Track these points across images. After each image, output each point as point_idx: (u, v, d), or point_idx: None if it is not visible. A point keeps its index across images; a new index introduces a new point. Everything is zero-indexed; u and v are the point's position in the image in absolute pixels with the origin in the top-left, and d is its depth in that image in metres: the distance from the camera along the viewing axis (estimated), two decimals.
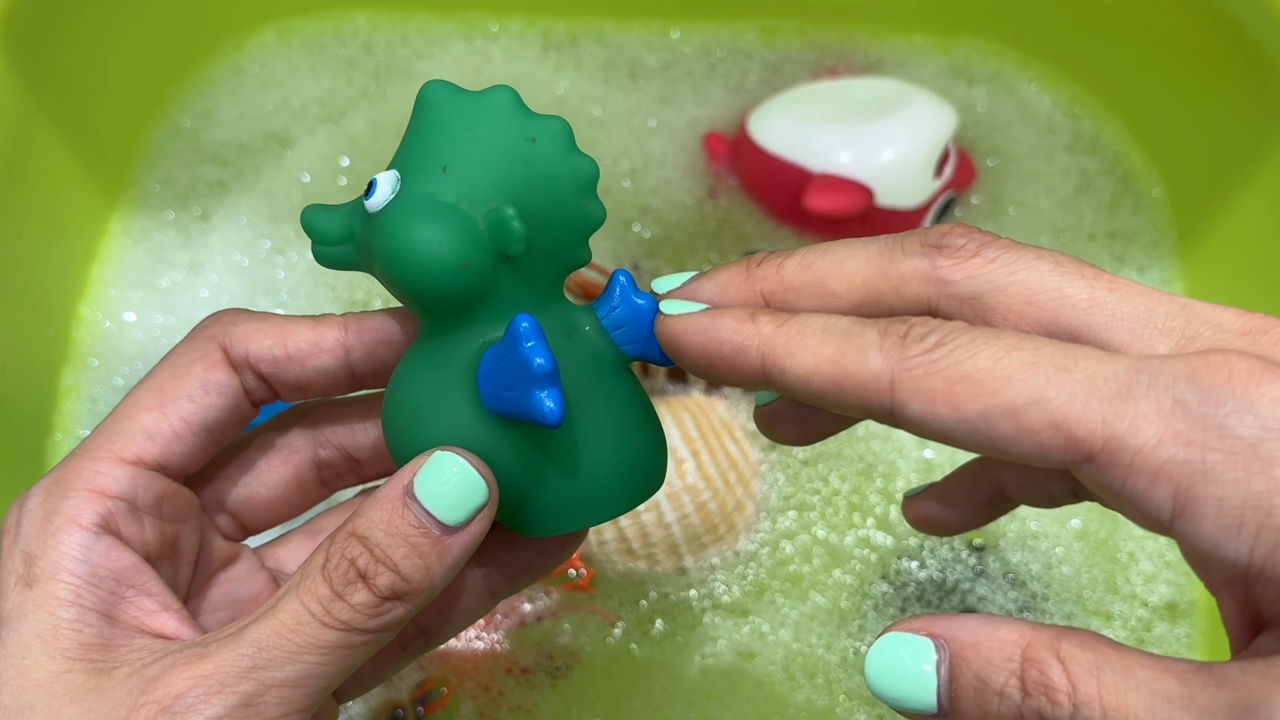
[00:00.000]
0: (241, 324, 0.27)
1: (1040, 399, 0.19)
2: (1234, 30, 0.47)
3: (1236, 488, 0.18)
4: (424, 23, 0.56)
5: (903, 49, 0.56)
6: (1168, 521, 0.19)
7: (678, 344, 0.24)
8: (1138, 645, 0.45)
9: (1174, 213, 0.53)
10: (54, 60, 0.47)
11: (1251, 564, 0.18)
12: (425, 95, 0.25)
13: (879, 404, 0.21)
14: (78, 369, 0.49)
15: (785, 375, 0.22)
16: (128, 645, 0.24)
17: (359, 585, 0.23)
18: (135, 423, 0.26)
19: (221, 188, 0.53)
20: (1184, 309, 0.21)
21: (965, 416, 0.20)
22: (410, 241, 0.24)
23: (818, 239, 0.51)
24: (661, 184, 0.53)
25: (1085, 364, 0.19)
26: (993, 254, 0.22)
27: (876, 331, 0.21)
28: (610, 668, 0.44)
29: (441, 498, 0.24)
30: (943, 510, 0.29)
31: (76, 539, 0.25)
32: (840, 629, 0.44)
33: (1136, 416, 0.19)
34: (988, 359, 0.20)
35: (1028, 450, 0.19)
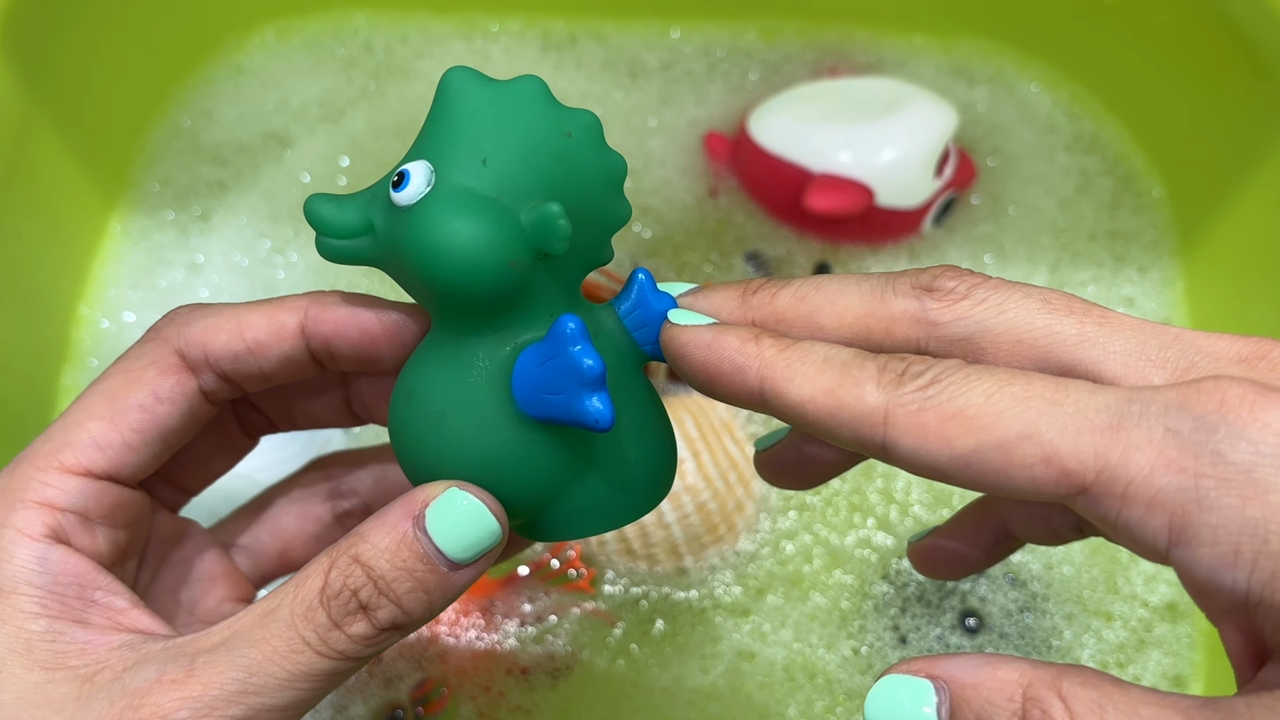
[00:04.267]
0: (196, 322, 0.26)
1: (1032, 433, 0.19)
2: (1234, 30, 0.47)
3: (1231, 514, 0.18)
4: (424, 23, 0.56)
5: (903, 49, 0.56)
6: (1164, 550, 0.19)
7: (680, 354, 0.24)
8: (1138, 646, 0.44)
9: (1174, 213, 0.53)
10: (54, 60, 0.47)
11: (1250, 592, 0.18)
12: (452, 82, 0.24)
13: (872, 438, 0.21)
14: (77, 369, 0.49)
15: (782, 400, 0.22)
16: (105, 644, 0.24)
17: (359, 616, 0.23)
18: (84, 431, 0.25)
19: (221, 187, 0.53)
20: (1177, 339, 0.21)
21: (957, 453, 0.20)
22: (454, 237, 0.22)
23: (818, 239, 0.52)
24: (661, 184, 0.53)
25: (1076, 397, 0.19)
26: (982, 295, 0.22)
27: (875, 366, 0.21)
28: (610, 668, 0.44)
29: (452, 535, 0.23)
30: (949, 554, 0.29)
31: (31, 551, 0.24)
32: (841, 629, 0.44)
33: (1129, 446, 0.19)
34: (980, 395, 0.20)
35: (1021, 485, 0.19)
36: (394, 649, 0.43)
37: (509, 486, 0.24)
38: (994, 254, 0.52)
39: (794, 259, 0.51)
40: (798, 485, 0.28)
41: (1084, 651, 0.44)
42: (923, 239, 0.52)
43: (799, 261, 0.51)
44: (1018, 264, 0.51)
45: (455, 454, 0.24)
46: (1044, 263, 0.52)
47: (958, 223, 0.52)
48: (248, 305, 0.27)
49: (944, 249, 0.52)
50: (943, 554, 0.29)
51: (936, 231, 0.52)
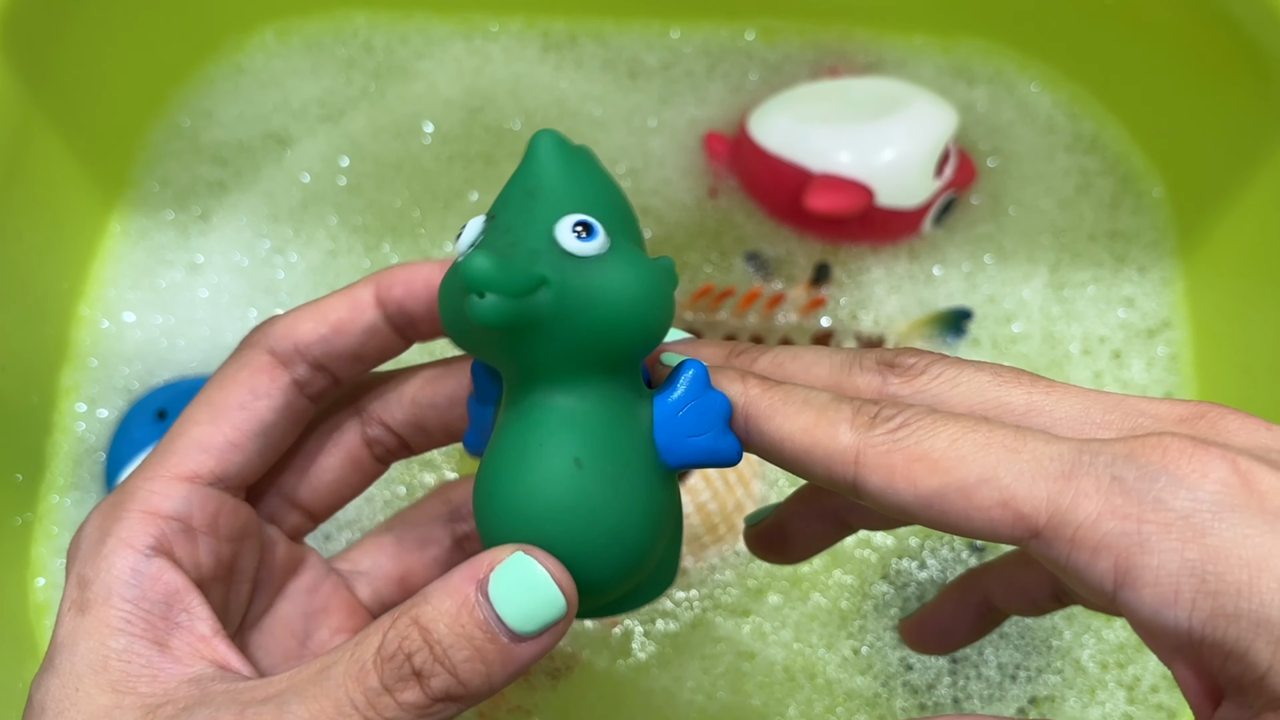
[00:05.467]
0: (281, 320, 0.27)
1: (990, 478, 0.20)
2: (1234, 30, 0.47)
3: (1171, 556, 0.19)
4: (424, 23, 0.56)
5: (903, 49, 0.56)
6: (1111, 592, 0.20)
7: None
8: (1138, 646, 0.45)
9: (1174, 213, 0.53)
10: (54, 60, 0.47)
11: (1193, 630, 0.19)
12: (563, 142, 0.24)
13: (843, 475, 0.22)
14: (77, 369, 0.49)
15: (763, 436, 0.23)
16: (176, 674, 0.24)
17: (412, 683, 0.22)
18: (188, 438, 0.26)
19: (221, 187, 0.53)
20: (1120, 404, 0.22)
21: (921, 493, 0.21)
22: (657, 290, 0.23)
23: (818, 239, 0.52)
24: (661, 184, 0.53)
25: (1033, 445, 0.21)
26: (937, 370, 0.24)
27: (850, 409, 0.22)
28: (610, 668, 0.44)
29: (516, 604, 0.22)
30: (938, 630, 0.31)
31: (128, 561, 0.24)
32: (841, 629, 0.44)
33: (1078, 494, 0.20)
34: (945, 439, 0.21)
35: (979, 525, 0.21)
36: None
37: (649, 545, 0.24)
38: (994, 254, 0.52)
39: (794, 259, 0.51)
40: (784, 560, 0.30)
41: (1084, 652, 0.44)
42: (923, 239, 0.52)
43: (799, 261, 0.51)
44: (1018, 264, 0.51)
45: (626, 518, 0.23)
46: (1044, 263, 0.52)
47: (958, 223, 0.52)
48: (326, 296, 0.28)
49: (944, 249, 0.52)
50: (932, 628, 0.31)
51: (936, 231, 0.52)
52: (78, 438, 0.48)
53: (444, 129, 0.54)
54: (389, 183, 0.53)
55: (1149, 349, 0.50)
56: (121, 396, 0.48)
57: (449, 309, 0.24)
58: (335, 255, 0.52)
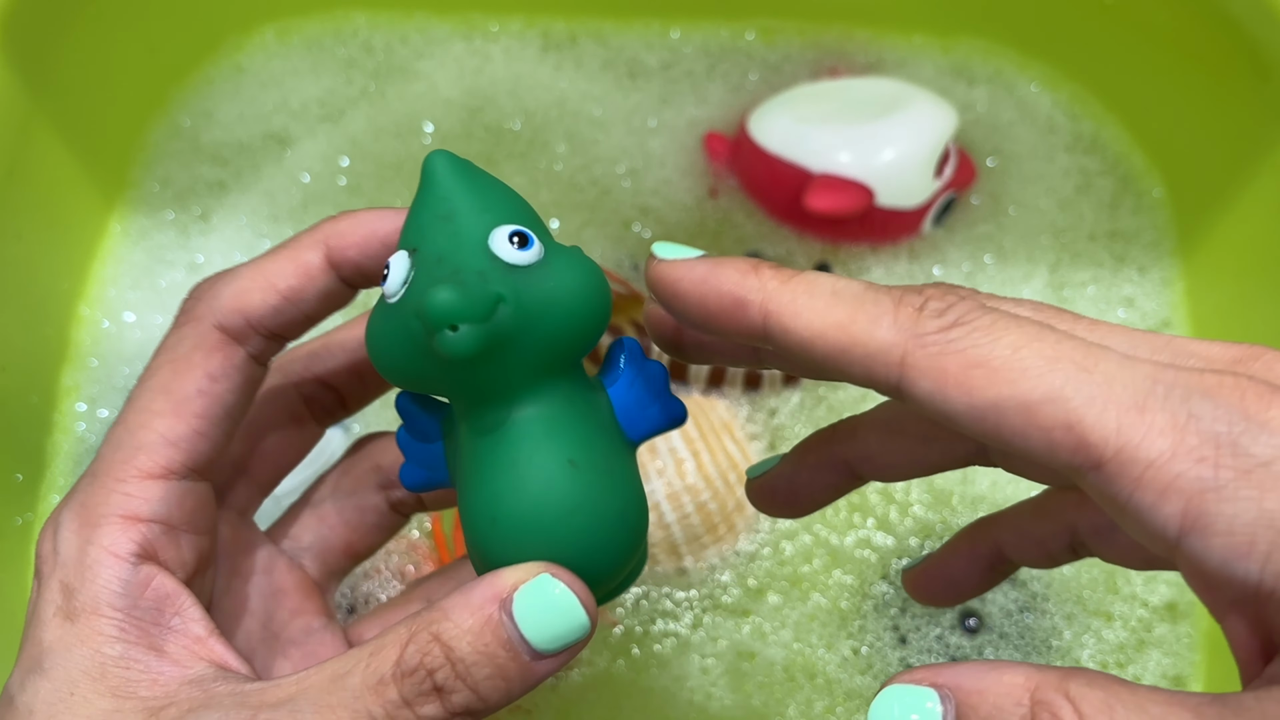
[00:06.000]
0: (222, 292, 0.26)
1: (1057, 397, 0.19)
2: (1234, 30, 0.47)
3: (1249, 506, 0.18)
4: (424, 23, 0.56)
5: (903, 49, 0.56)
6: (1174, 538, 0.18)
7: (673, 290, 0.22)
8: (1138, 646, 0.45)
9: (1174, 213, 0.53)
10: (54, 60, 0.47)
11: (1263, 584, 0.18)
12: (453, 160, 0.25)
13: (885, 377, 0.20)
14: (78, 369, 0.49)
15: (788, 335, 0.21)
16: (177, 676, 0.24)
17: (432, 698, 0.22)
18: (152, 432, 0.25)
19: (221, 188, 0.53)
20: (1169, 344, 0.21)
21: (976, 403, 0.19)
22: (599, 283, 0.23)
23: (818, 239, 0.52)
24: (661, 184, 0.53)
25: (1106, 366, 0.19)
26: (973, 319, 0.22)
27: (890, 300, 0.20)
28: (610, 668, 0.44)
29: (540, 624, 0.22)
30: (944, 579, 0.29)
31: (116, 572, 0.24)
32: (841, 629, 0.44)
33: (1151, 428, 0.18)
34: (1007, 346, 0.19)
35: (1036, 447, 0.19)
36: None
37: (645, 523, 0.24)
38: (994, 254, 0.52)
39: (794, 259, 0.51)
40: (790, 514, 0.28)
41: (1084, 651, 0.44)
42: (923, 239, 0.52)
43: (799, 261, 0.51)
44: (1018, 264, 0.51)
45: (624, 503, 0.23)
46: (1044, 263, 0.52)
47: (958, 223, 0.52)
48: (267, 257, 0.26)
49: (944, 249, 0.52)
50: (938, 579, 0.29)
51: (936, 232, 0.52)
52: (78, 438, 0.48)
53: (444, 129, 0.54)
54: (389, 183, 0.53)
55: None
56: (122, 396, 0.48)
57: (393, 353, 0.23)
58: None
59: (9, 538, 0.45)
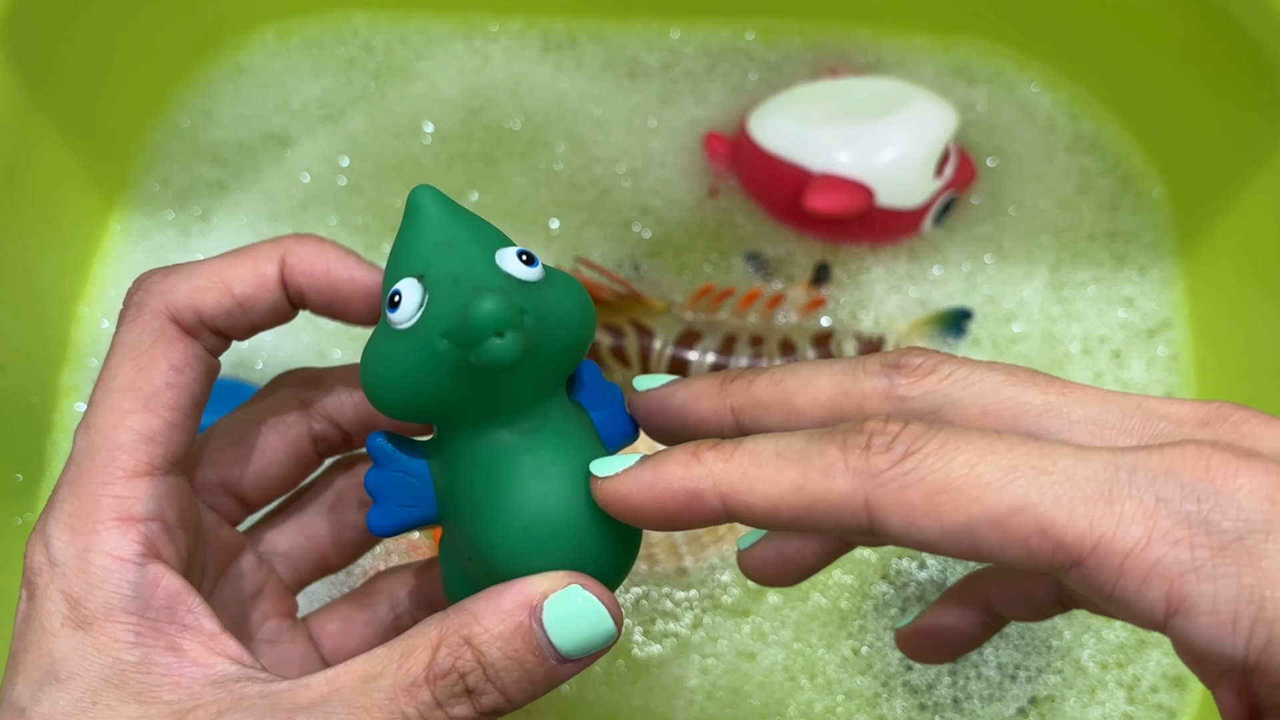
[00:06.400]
0: (177, 286, 0.26)
1: (1024, 505, 0.19)
2: (1234, 30, 0.47)
3: (1228, 583, 0.18)
4: (424, 23, 0.56)
5: (903, 49, 0.56)
6: (1161, 621, 0.19)
7: (625, 505, 0.22)
8: (1138, 646, 0.45)
9: (1174, 213, 0.53)
10: (54, 60, 0.47)
11: (1248, 658, 0.18)
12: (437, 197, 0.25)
13: (856, 523, 0.20)
14: (78, 369, 0.49)
15: (750, 510, 0.21)
16: (199, 676, 0.24)
17: (463, 700, 0.22)
18: (128, 430, 0.25)
19: (221, 188, 0.53)
20: (1139, 407, 0.21)
21: (948, 529, 0.19)
22: (589, 300, 0.25)
23: (818, 239, 0.52)
24: (661, 184, 0.53)
25: (1064, 463, 0.19)
26: (948, 370, 0.22)
27: (836, 447, 0.21)
28: (610, 668, 0.44)
29: (569, 633, 0.23)
30: (937, 638, 0.29)
31: (124, 576, 0.24)
32: (841, 629, 0.44)
33: (1122, 518, 0.19)
34: (963, 465, 0.19)
35: (1015, 557, 0.19)
36: None
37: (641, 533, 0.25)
38: (994, 254, 0.52)
39: (794, 259, 0.51)
40: (780, 582, 0.28)
41: (1084, 652, 0.44)
42: (923, 239, 0.52)
43: (799, 261, 0.51)
44: (1018, 264, 0.51)
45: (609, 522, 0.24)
46: (1044, 263, 0.52)
47: (958, 223, 0.52)
48: (225, 259, 0.26)
49: (944, 249, 0.52)
50: (930, 639, 0.29)
51: (936, 232, 0.52)
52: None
53: (444, 129, 0.54)
54: (389, 183, 0.53)
55: (1149, 349, 0.50)
56: None
57: (404, 379, 0.23)
58: None
59: (9, 537, 0.45)
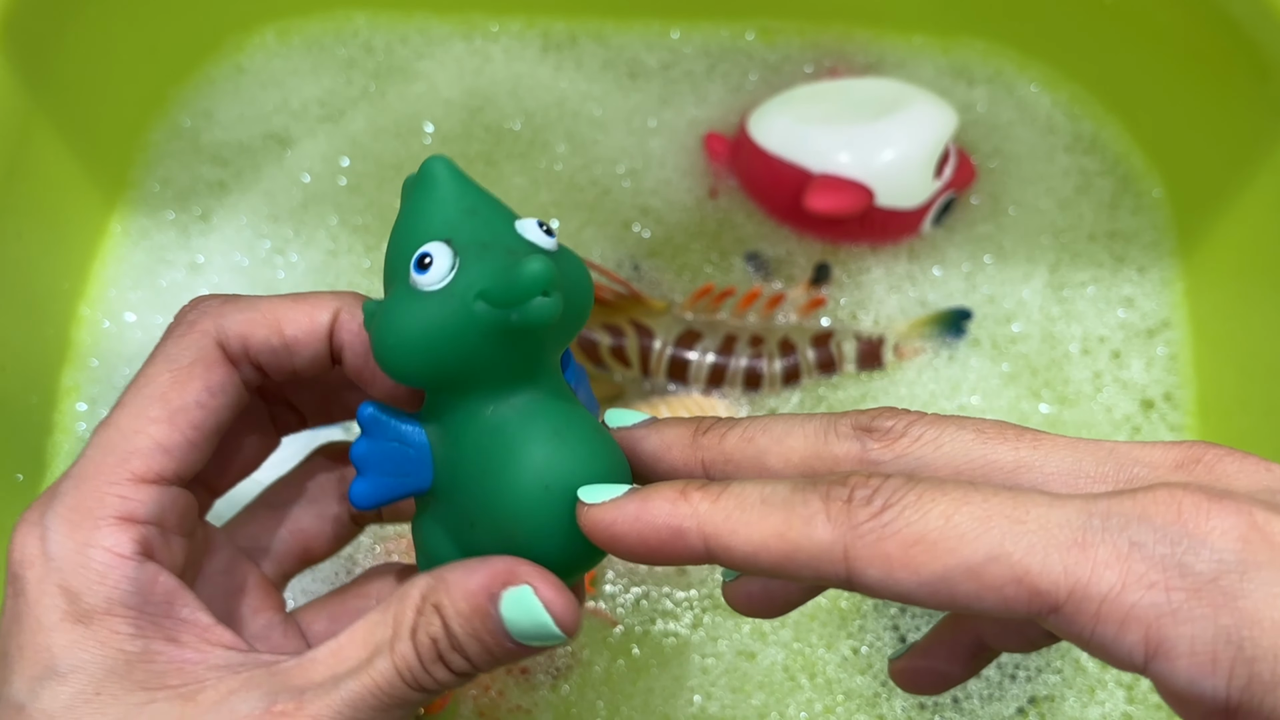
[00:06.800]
0: (231, 314, 0.26)
1: (999, 554, 0.19)
2: (1234, 30, 0.47)
3: (1205, 625, 0.18)
4: (424, 23, 0.56)
5: (903, 49, 0.56)
6: (1142, 664, 0.19)
7: (609, 535, 0.23)
8: None
9: (1174, 213, 0.53)
10: (54, 60, 0.47)
11: (1229, 698, 0.18)
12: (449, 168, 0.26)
13: (834, 573, 0.21)
14: (78, 369, 0.49)
15: (731, 553, 0.21)
16: (201, 662, 0.24)
17: (439, 664, 0.24)
18: (147, 437, 0.25)
19: (221, 188, 0.53)
20: (1112, 453, 0.22)
21: (925, 580, 0.20)
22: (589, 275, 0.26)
23: (818, 239, 0.52)
24: (661, 184, 0.53)
25: (1037, 512, 0.20)
26: (918, 432, 0.23)
27: (819, 498, 0.21)
28: (610, 668, 0.44)
29: (521, 627, 0.24)
30: (929, 673, 0.30)
31: (124, 572, 0.24)
32: (840, 629, 0.44)
33: (1097, 564, 0.19)
34: (939, 517, 0.20)
35: (992, 606, 0.20)
36: None
37: None
38: (993, 254, 0.52)
39: (794, 259, 0.51)
40: (766, 615, 0.28)
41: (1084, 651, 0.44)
42: (922, 239, 0.52)
43: (799, 261, 0.51)
44: (1017, 264, 0.51)
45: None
46: (1043, 263, 0.52)
47: (957, 223, 0.52)
48: (283, 300, 0.27)
49: (944, 249, 0.52)
50: (924, 673, 0.30)
51: (936, 232, 0.52)
52: (78, 438, 0.48)
53: (444, 129, 0.54)
54: (389, 183, 0.53)
55: (1148, 349, 0.50)
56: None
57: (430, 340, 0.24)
58: (336, 255, 0.52)
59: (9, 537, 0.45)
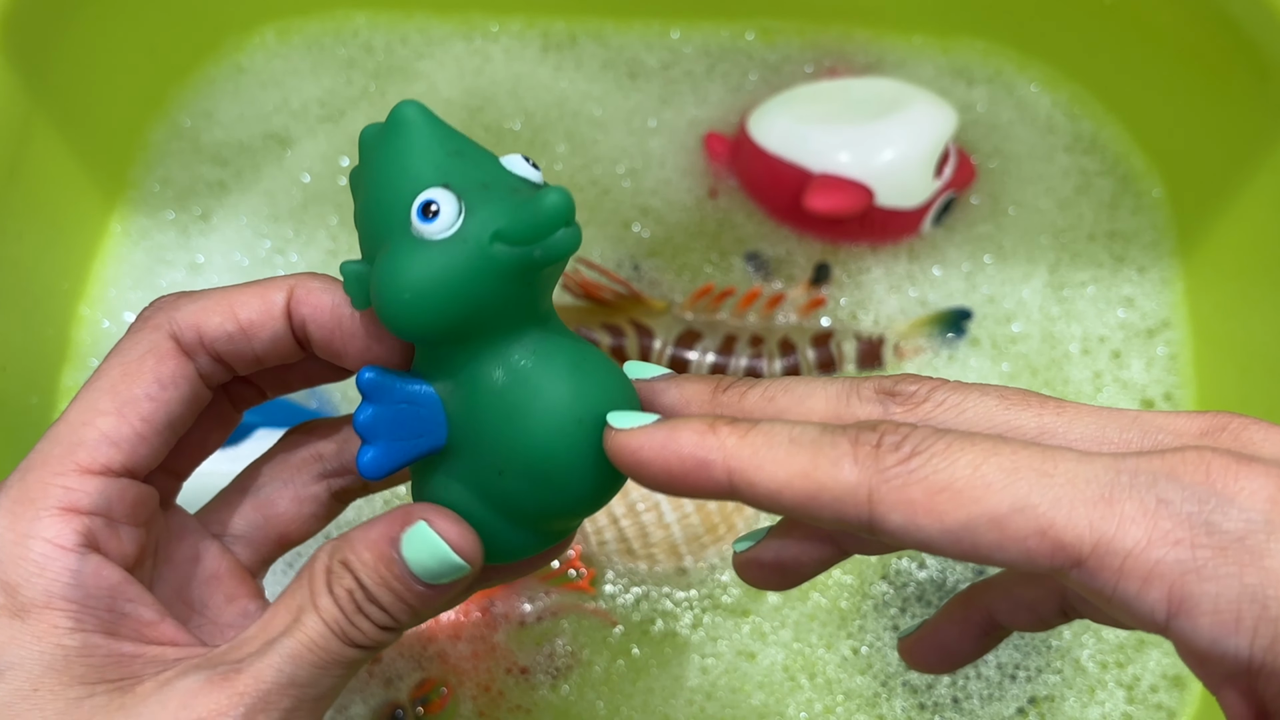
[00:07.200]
0: (185, 306, 0.26)
1: (1024, 505, 0.19)
2: (1234, 30, 0.47)
3: (1230, 583, 0.18)
4: (424, 23, 0.56)
5: (903, 49, 0.56)
6: (1163, 622, 0.19)
7: (634, 460, 0.23)
8: (1138, 646, 0.45)
9: (1174, 213, 0.53)
10: (54, 60, 0.47)
11: (1253, 658, 0.18)
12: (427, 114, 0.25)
13: (856, 516, 0.20)
14: (78, 369, 0.49)
15: (754, 489, 0.21)
16: (141, 658, 0.24)
17: (360, 615, 0.24)
18: (94, 429, 0.25)
19: (221, 188, 0.53)
20: (1136, 421, 0.21)
21: (948, 527, 0.20)
22: None
23: (818, 239, 0.52)
24: (661, 184, 0.53)
25: (1065, 466, 0.19)
26: (941, 396, 0.23)
27: (848, 440, 0.21)
28: (610, 668, 0.44)
29: (422, 564, 0.24)
30: (940, 649, 0.29)
31: (64, 564, 0.24)
32: (840, 629, 0.44)
33: (1123, 519, 0.19)
34: (966, 466, 0.20)
35: (1014, 557, 0.19)
36: (394, 648, 0.43)
37: None
38: (993, 254, 0.52)
39: (794, 259, 0.51)
40: (776, 586, 0.28)
41: (1084, 651, 0.44)
42: (922, 239, 0.52)
43: (799, 261, 0.51)
44: (1017, 264, 0.51)
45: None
46: (1043, 263, 0.52)
47: (957, 223, 0.52)
48: (236, 287, 0.27)
49: (944, 249, 0.52)
50: (933, 649, 0.30)
51: (936, 232, 0.52)
52: None
53: None
54: None
55: (1148, 349, 0.50)
56: None
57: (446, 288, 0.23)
58: (335, 255, 0.52)
59: None
